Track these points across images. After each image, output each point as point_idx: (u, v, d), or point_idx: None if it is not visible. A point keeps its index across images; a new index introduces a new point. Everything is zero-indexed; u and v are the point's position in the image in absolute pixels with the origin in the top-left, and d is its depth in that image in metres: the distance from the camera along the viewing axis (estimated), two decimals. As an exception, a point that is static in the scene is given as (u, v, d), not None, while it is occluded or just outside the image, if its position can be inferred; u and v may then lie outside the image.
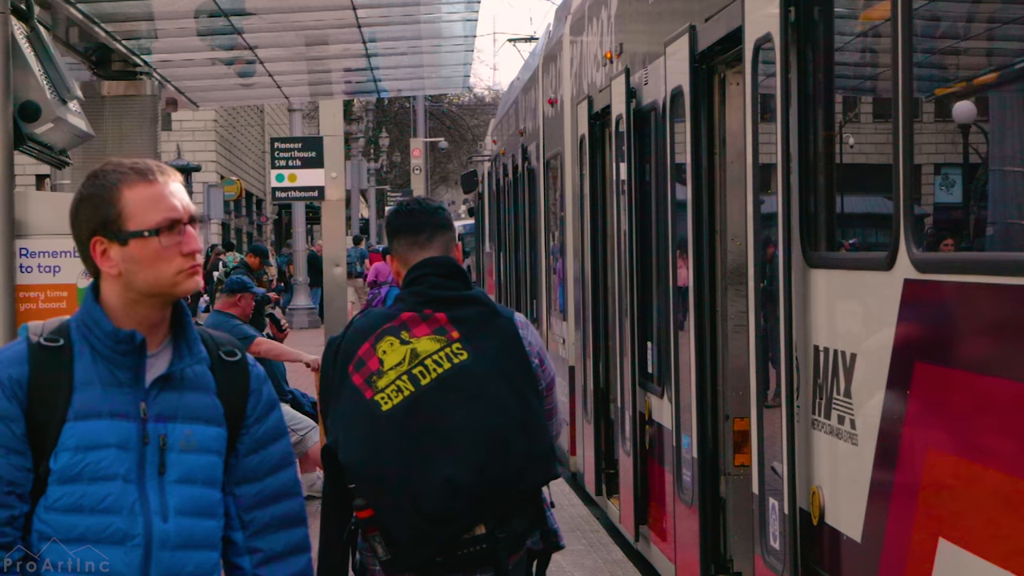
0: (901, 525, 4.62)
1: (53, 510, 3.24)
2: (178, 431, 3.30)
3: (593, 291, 11.22)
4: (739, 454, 7.54)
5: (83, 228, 3.34)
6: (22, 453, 3.22)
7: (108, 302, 3.32)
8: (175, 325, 3.37)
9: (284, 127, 59.28)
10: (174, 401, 3.31)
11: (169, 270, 3.28)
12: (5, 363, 3.28)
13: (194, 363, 3.35)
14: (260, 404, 3.46)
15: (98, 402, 3.25)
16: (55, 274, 7.62)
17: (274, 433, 3.48)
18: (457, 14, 13.25)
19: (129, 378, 3.28)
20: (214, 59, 13.36)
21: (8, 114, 7.41)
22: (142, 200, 3.28)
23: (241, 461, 3.42)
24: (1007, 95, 4.54)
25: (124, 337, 3.27)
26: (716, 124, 7.53)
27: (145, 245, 3.27)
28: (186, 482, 3.30)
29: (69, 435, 3.23)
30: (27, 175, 38.22)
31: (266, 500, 3.44)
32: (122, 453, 3.25)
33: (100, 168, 3.35)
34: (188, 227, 3.31)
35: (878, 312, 4.83)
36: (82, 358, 3.28)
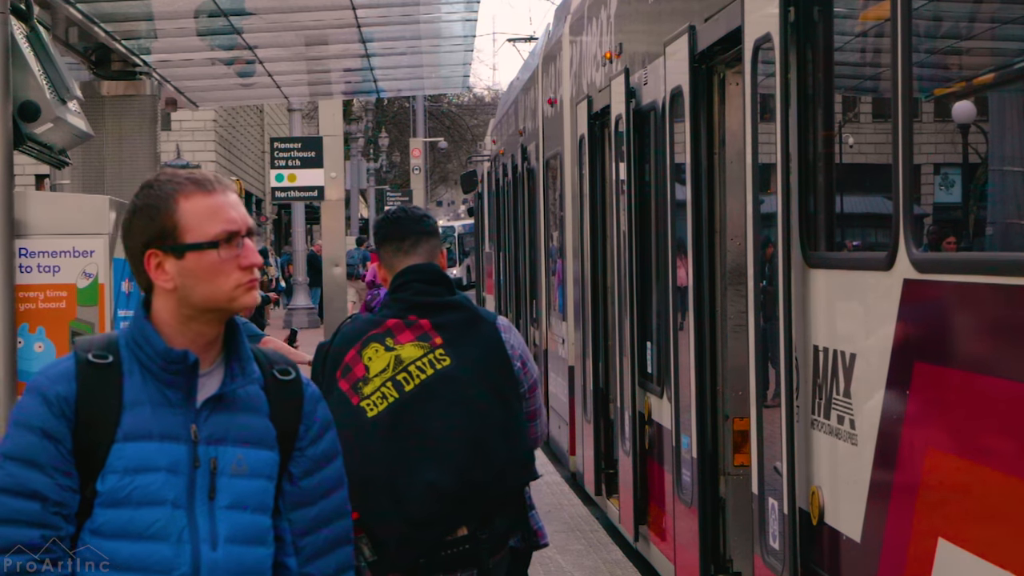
0: (900, 525, 4.62)
1: (98, 534, 3.11)
2: (229, 454, 3.15)
3: (593, 291, 11.22)
4: (739, 454, 7.54)
5: (136, 240, 3.19)
6: (69, 474, 3.09)
7: (160, 318, 3.16)
8: (228, 343, 3.21)
9: (284, 127, 59.27)
10: (225, 423, 3.16)
11: (227, 284, 3.13)
12: (53, 380, 3.14)
13: (247, 383, 3.19)
14: (315, 425, 3.29)
15: (148, 423, 3.11)
16: (55, 274, 7.61)
17: (329, 454, 3.32)
18: (457, 14, 13.25)
19: (180, 398, 3.13)
20: (214, 59, 13.36)
21: (8, 114, 7.40)
22: (200, 211, 3.13)
23: (296, 485, 3.26)
24: (1007, 95, 4.54)
25: (176, 357, 3.12)
26: (716, 124, 7.53)
27: (202, 258, 3.12)
28: (236, 508, 3.14)
29: (117, 457, 3.09)
30: (27, 175, 38.22)
31: (320, 523, 3.29)
32: (172, 477, 3.10)
33: (154, 178, 3.22)
34: (246, 239, 3.16)
35: (878, 312, 4.83)
36: (131, 376, 3.13)
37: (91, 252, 7.64)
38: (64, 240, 7.60)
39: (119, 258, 7.95)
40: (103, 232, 7.71)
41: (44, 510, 3.06)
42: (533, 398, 4.86)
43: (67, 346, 7.60)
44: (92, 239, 7.66)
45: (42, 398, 3.10)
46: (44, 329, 7.59)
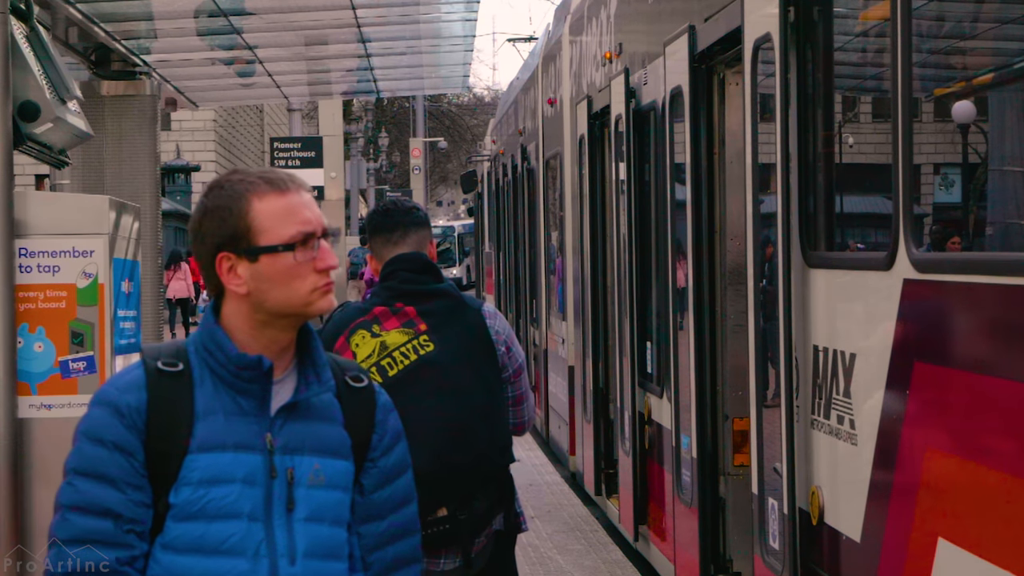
0: (900, 525, 4.62)
1: (170, 549, 2.95)
2: (306, 464, 3.00)
3: (593, 291, 11.23)
4: (739, 454, 7.54)
5: (207, 243, 3.00)
6: (141, 488, 2.95)
7: (232, 323, 3.01)
8: (301, 348, 3.06)
9: (283, 127, 59.26)
10: (301, 432, 3.01)
11: (303, 288, 2.98)
12: (123, 389, 3.01)
13: (323, 391, 3.05)
14: (387, 435, 3.15)
15: (222, 433, 2.96)
16: (54, 274, 7.61)
17: (400, 467, 3.18)
18: (456, 14, 13.24)
19: (254, 407, 2.99)
20: (213, 59, 13.35)
21: (7, 114, 7.40)
22: (274, 212, 2.98)
23: (366, 498, 3.11)
24: (1007, 95, 4.54)
25: (250, 363, 2.97)
26: (715, 124, 7.53)
27: (277, 261, 2.97)
28: (314, 520, 2.99)
29: (191, 468, 2.94)
30: (26, 175, 38.24)
31: (389, 539, 3.15)
32: (248, 488, 2.95)
33: (225, 178, 3.06)
34: (322, 241, 3.01)
35: (877, 312, 4.83)
36: (203, 384, 2.99)
37: (91, 252, 7.63)
38: (64, 240, 7.60)
39: (119, 258, 7.95)
40: (103, 232, 7.70)
41: (117, 528, 2.94)
42: (519, 382, 5.03)
43: (67, 346, 7.60)
44: (92, 239, 7.65)
45: (112, 409, 2.98)
46: (44, 329, 7.58)
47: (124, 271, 8.08)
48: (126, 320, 8.15)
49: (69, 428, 8.46)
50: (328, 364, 3.08)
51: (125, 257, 8.11)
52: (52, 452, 7.59)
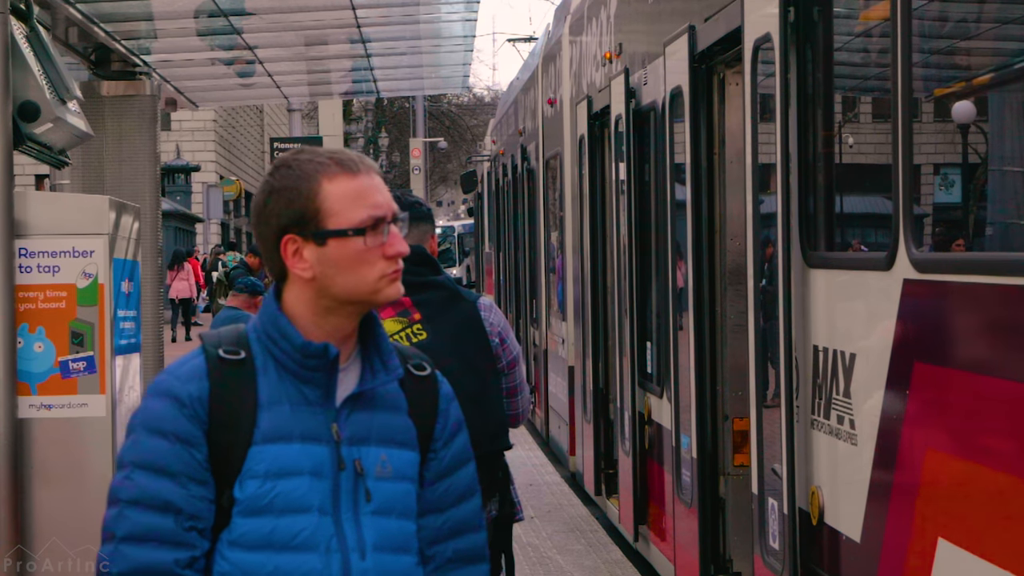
0: (900, 525, 4.62)
1: (238, 546, 2.82)
2: (373, 455, 2.89)
3: (592, 291, 11.23)
4: (738, 454, 7.54)
5: (272, 224, 2.88)
6: (204, 482, 2.83)
7: (294, 310, 2.89)
8: (366, 336, 2.95)
9: (283, 127, 59.25)
10: (367, 422, 2.91)
11: (371, 275, 2.86)
12: (183, 379, 2.87)
13: (390, 380, 2.93)
14: (448, 425, 3.04)
15: (288, 423, 2.84)
16: (54, 274, 7.61)
17: (461, 458, 3.05)
18: (456, 14, 13.24)
19: (319, 396, 2.87)
20: (214, 59, 13.35)
21: (7, 114, 7.40)
22: (344, 194, 2.86)
23: (426, 489, 2.99)
24: (1007, 95, 4.54)
25: (315, 351, 2.86)
26: (715, 124, 7.54)
27: (346, 246, 2.85)
28: (383, 513, 2.89)
29: (257, 460, 2.82)
30: (26, 175, 38.25)
31: (449, 534, 3.02)
32: (316, 481, 2.84)
33: (292, 157, 2.93)
34: (392, 226, 2.89)
35: (877, 312, 4.83)
36: (266, 373, 2.87)
37: (91, 252, 7.64)
38: (64, 240, 7.60)
39: (119, 258, 7.95)
40: (103, 232, 7.70)
41: (177, 525, 2.81)
42: (513, 374, 5.16)
43: (67, 346, 7.60)
44: (92, 239, 7.65)
45: (173, 399, 2.85)
46: (44, 329, 7.59)
47: (124, 271, 8.08)
48: (126, 320, 8.15)
49: (69, 428, 8.52)
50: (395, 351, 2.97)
51: (125, 257, 8.11)
52: (52, 452, 7.60)
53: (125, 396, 8.12)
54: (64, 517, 7.59)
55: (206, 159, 49.75)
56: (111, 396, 7.71)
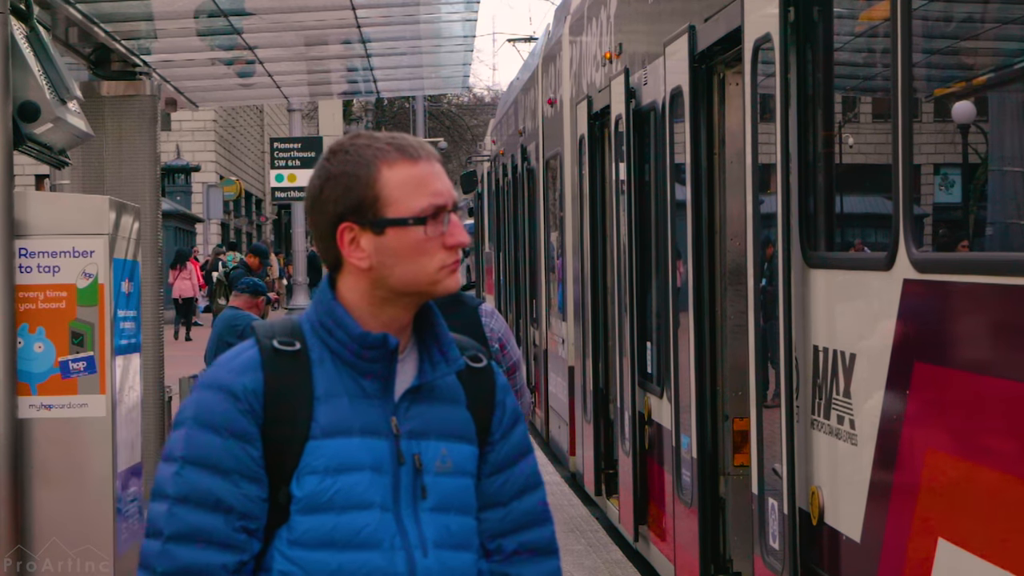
0: (900, 525, 4.62)
1: (299, 545, 2.72)
2: (432, 450, 2.80)
3: (593, 291, 11.23)
4: (739, 454, 7.55)
5: (328, 211, 2.77)
6: (257, 480, 2.72)
7: (349, 300, 2.79)
8: (422, 326, 2.85)
9: (283, 127, 59.25)
10: (425, 415, 2.81)
11: (431, 265, 2.76)
12: (237, 371, 2.75)
13: (450, 371, 2.83)
14: (505, 417, 2.93)
15: (347, 416, 2.74)
16: (54, 274, 7.61)
17: (520, 450, 2.94)
18: (457, 14, 13.24)
19: (377, 389, 2.78)
20: (214, 59, 13.35)
21: (7, 114, 7.40)
22: (404, 181, 2.74)
23: (483, 483, 2.89)
24: (1007, 95, 4.54)
25: (374, 342, 2.76)
26: (715, 124, 7.54)
27: (405, 235, 2.74)
28: (442, 510, 2.80)
29: (316, 455, 2.72)
30: (26, 175, 38.25)
31: (513, 527, 2.92)
32: (377, 476, 2.74)
33: (349, 141, 2.81)
34: (452, 215, 2.78)
35: (877, 312, 4.83)
36: (322, 365, 2.77)
37: (91, 252, 7.64)
38: (64, 240, 7.60)
39: (119, 258, 7.95)
40: (103, 232, 7.71)
41: (228, 525, 2.70)
42: (514, 379, 5.19)
43: (67, 346, 7.61)
44: (92, 239, 7.66)
45: (226, 392, 2.74)
46: (44, 329, 7.59)
47: (124, 271, 8.08)
48: (126, 320, 8.15)
49: (69, 428, 8.53)
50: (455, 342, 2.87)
51: (125, 257, 8.11)
52: (52, 452, 7.60)
53: (125, 396, 8.12)
54: (64, 517, 7.59)
55: (206, 159, 49.76)
56: (111, 396, 7.71)
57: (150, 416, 9.84)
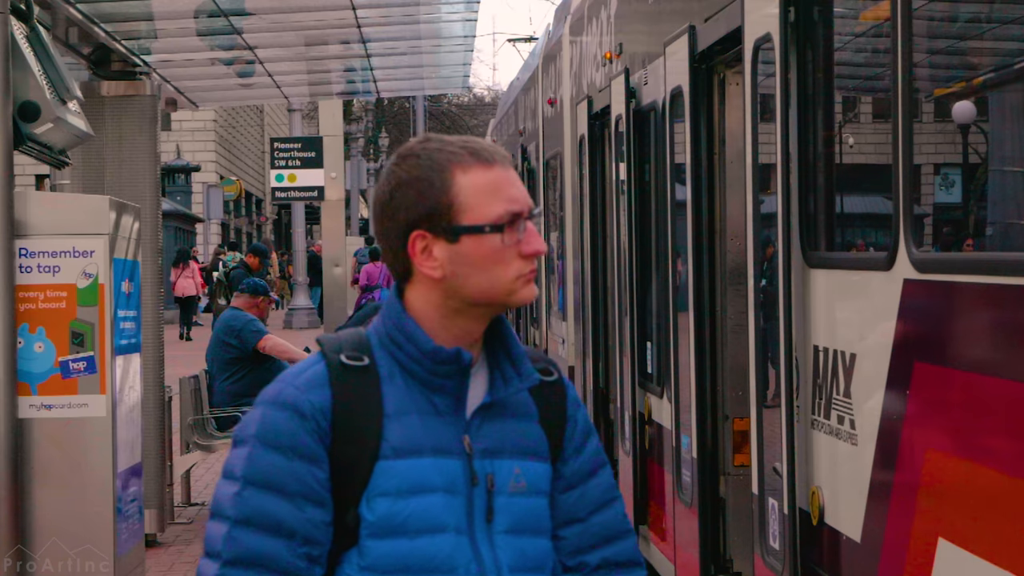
0: (901, 525, 4.62)
1: (372, 571, 2.60)
2: (506, 469, 2.68)
3: (593, 291, 11.22)
4: (739, 454, 7.54)
5: (399, 218, 2.64)
6: (322, 504, 2.60)
7: (420, 311, 2.66)
8: (494, 339, 2.73)
9: (284, 127, 59.25)
10: (499, 432, 2.69)
11: (507, 275, 2.63)
12: (303, 388, 2.63)
13: (524, 386, 2.71)
14: (577, 431, 2.81)
15: (418, 435, 2.62)
16: (55, 274, 7.62)
17: (594, 465, 2.83)
18: (457, 14, 13.26)
19: (449, 406, 2.66)
20: (214, 59, 13.36)
21: (8, 114, 7.41)
22: (480, 187, 2.62)
23: (558, 499, 2.77)
24: (1007, 95, 4.54)
25: (447, 356, 2.63)
26: (716, 124, 7.53)
27: (481, 243, 2.62)
28: (515, 532, 2.68)
29: (387, 476, 2.60)
30: (27, 175, 38.27)
31: (594, 542, 2.81)
32: (450, 498, 2.62)
33: (420, 145, 2.69)
34: (528, 222, 2.66)
35: (878, 312, 4.83)
36: (392, 381, 2.64)
37: (91, 252, 7.65)
38: (64, 240, 7.61)
39: (119, 258, 7.95)
40: (103, 232, 7.71)
41: (289, 550, 2.58)
42: None
43: (67, 346, 7.61)
44: (92, 239, 7.66)
45: (293, 410, 2.61)
46: (44, 329, 7.59)
47: (124, 271, 8.08)
48: (126, 320, 8.16)
49: (69, 428, 8.54)
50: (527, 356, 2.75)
51: (125, 257, 8.12)
52: (52, 452, 7.60)
53: (125, 396, 8.12)
54: (64, 517, 7.59)
55: (206, 159, 49.76)
56: (111, 396, 7.71)
57: (150, 416, 9.84)
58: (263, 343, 12.04)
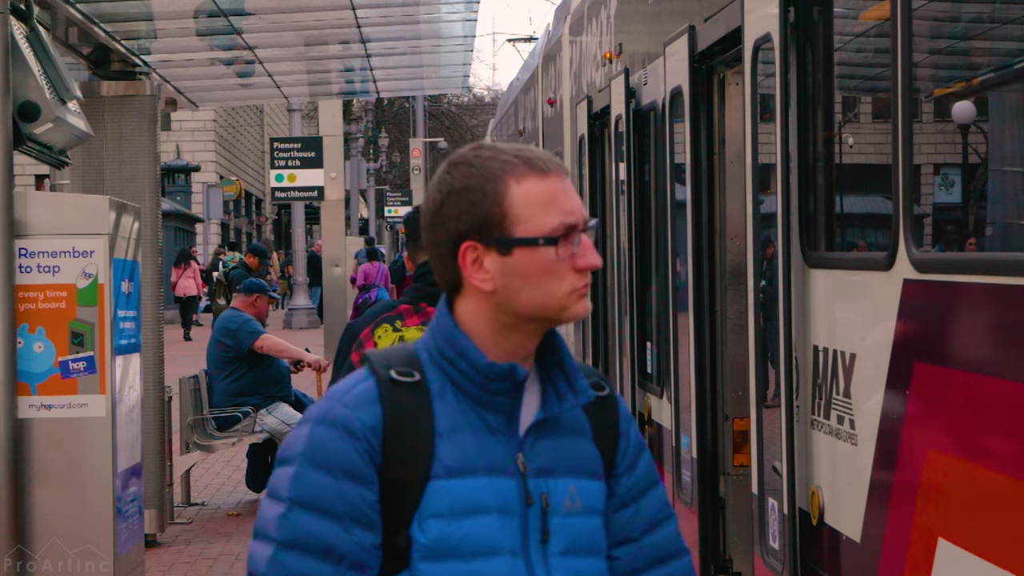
0: (900, 525, 4.62)
1: None
2: (561, 488, 2.60)
3: (592, 291, 11.22)
4: (739, 454, 7.54)
5: (450, 228, 2.56)
6: (372, 526, 2.51)
7: (470, 326, 2.58)
8: (546, 354, 2.66)
9: (283, 127, 59.26)
10: (553, 450, 2.60)
11: (560, 289, 2.55)
12: (352, 405, 2.54)
13: (579, 403, 2.63)
14: (630, 448, 2.73)
15: (472, 454, 2.54)
16: (54, 274, 7.62)
17: (647, 482, 2.75)
18: (457, 14, 13.25)
19: (502, 423, 2.57)
20: (214, 59, 13.36)
21: (7, 114, 7.41)
22: (534, 198, 2.54)
23: (611, 518, 2.69)
24: (1007, 95, 4.54)
25: (501, 372, 2.55)
26: (715, 124, 7.53)
27: (534, 256, 2.53)
28: (571, 553, 2.59)
29: (440, 496, 2.51)
30: (26, 175, 38.27)
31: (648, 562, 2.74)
32: (504, 519, 2.54)
33: (472, 153, 2.61)
34: (583, 235, 2.57)
35: (877, 312, 4.83)
36: (443, 397, 2.56)
37: (91, 252, 7.65)
38: (64, 240, 7.61)
39: (119, 258, 7.95)
40: (103, 232, 7.71)
41: (337, 573, 2.49)
42: None
43: (67, 346, 7.61)
44: (92, 239, 7.66)
45: (344, 429, 2.53)
46: (44, 329, 7.59)
47: (124, 271, 8.09)
48: (126, 320, 8.16)
49: (69, 428, 8.54)
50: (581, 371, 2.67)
51: (125, 257, 8.12)
52: (52, 452, 7.60)
53: (125, 396, 8.12)
54: (64, 517, 7.60)
55: (206, 159, 49.76)
56: (111, 396, 7.71)
57: (150, 416, 9.84)
58: (260, 343, 12.06)
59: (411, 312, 5.11)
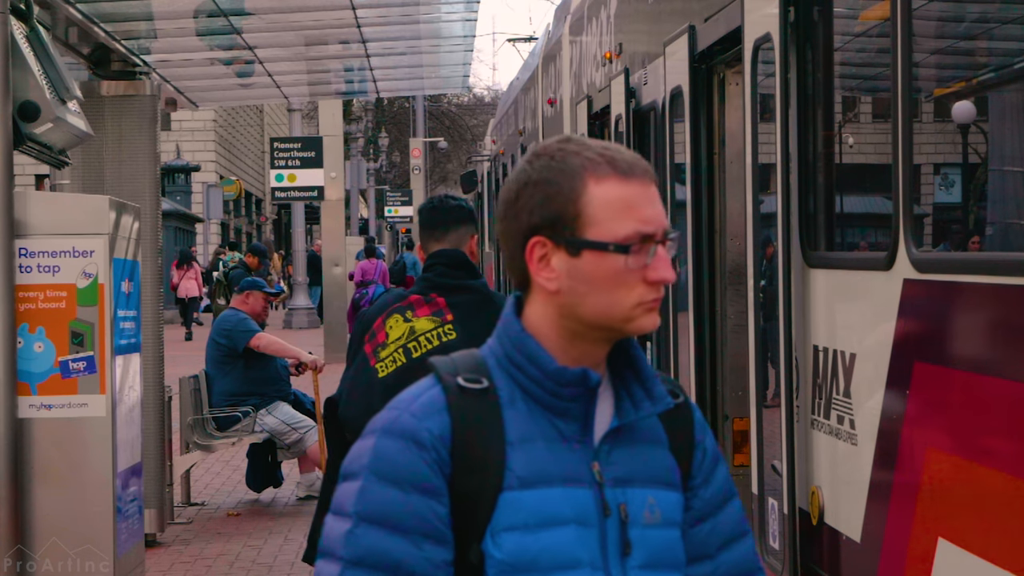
0: (900, 525, 4.62)
1: None
2: (639, 498, 2.47)
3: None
4: (739, 454, 7.55)
5: (521, 220, 2.45)
6: (442, 542, 2.38)
7: (539, 329, 2.47)
8: (619, 359, 2.52)
9: (283, 127, 59.27)
10: (629, 459, 2.48)
11: (627, 300, 2.42)
12: (420, 414, 2.42)
13: (656, 410, 2.50)
14: (707, 459, 2.60)
15: (546, 464, 2.41)
16: (54, 274, 7.61)
17: (725, 494, 2.62)
18: (456, 14, 13.24)
19: (575, 431, 2.45)
20: (213, 59, 13.36)
21: (7, 114, 7.40)
22: (612, 201, 2.41)
23: (687, 533, 2.55)
24: (1007, 95, 4.54)
25: (572, 378, 2.43)
26: (715, 124, 7.54)
27: (603, 262, 2.40)
28: (652, 567, 2.47)
29: (514, 509, 2.38)
30: (26, 175, 38.28)
31: None
32: (583, 531, 2.41)
33: (557, 146, 2.48)
34: (659, 247, 2.42)
35: (877, 312, 4.84)
36: (513, 405, 2.44)
37: (91, 252, 7.64)
38: (64, 240, 7.60)
39: (119, 258, 7.95)
40: (103, 232, 7.71)
41: None
42: None
43: (67, 346, 7.61)
44: (92, 239, 7.66)
45: (411, 441, 2.40)
46: (44, 329, 7.59)
47: (124, 271, 8.08)
48: (126, 320, 8.16)
49: (69, 428, 8.53)
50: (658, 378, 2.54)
51: (125, 257, 8.12)
52: (52, 452, 7.60)
53: (125, 396, 8.12)
54: (64, 517, 7.59)
55: (206, 159, 49.77)
56: (111, 396, 7.71)
57: (150, 416, 9.84)
58: (256, 342, 12.06)
59: (421, 303, 5.17)
